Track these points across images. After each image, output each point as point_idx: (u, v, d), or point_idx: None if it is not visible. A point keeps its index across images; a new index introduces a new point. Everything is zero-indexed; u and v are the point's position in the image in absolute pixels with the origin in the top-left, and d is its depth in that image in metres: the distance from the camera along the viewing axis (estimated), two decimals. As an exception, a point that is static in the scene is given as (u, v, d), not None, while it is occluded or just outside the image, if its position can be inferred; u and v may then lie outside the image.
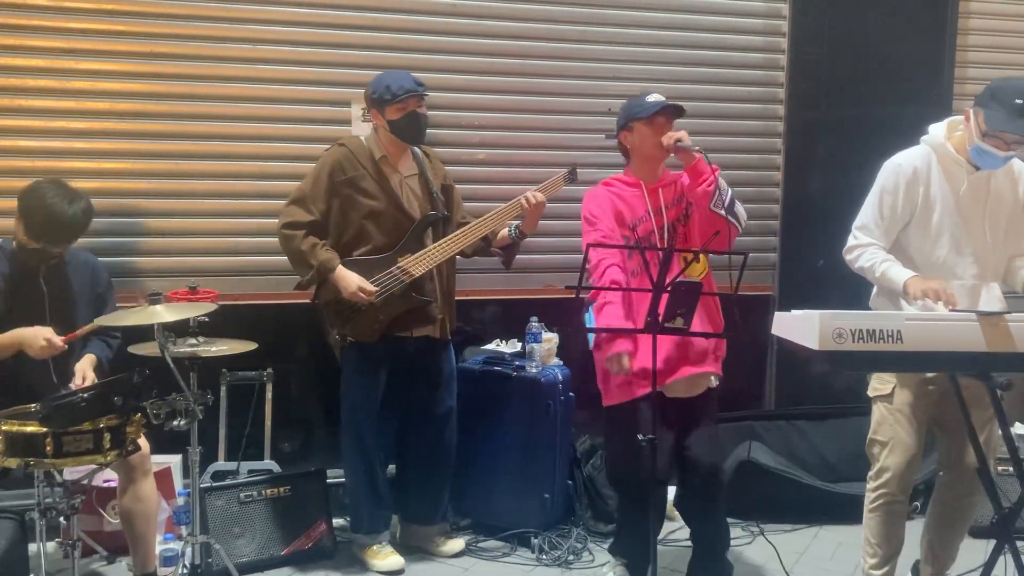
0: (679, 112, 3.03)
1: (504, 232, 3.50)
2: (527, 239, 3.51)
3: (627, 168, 3.15)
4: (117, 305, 3.23)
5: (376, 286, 3.24)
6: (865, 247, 2.87)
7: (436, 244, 3.32)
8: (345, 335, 3.33)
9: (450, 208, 3.51)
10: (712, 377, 3.02)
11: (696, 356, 2.96)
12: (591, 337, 2.98)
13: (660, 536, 3.32)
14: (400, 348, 3.39)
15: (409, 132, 3.31)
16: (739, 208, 2.99)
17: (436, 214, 3.39)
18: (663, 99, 3.01)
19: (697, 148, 2.91)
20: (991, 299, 2.82)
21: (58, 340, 2.88)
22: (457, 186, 3.61)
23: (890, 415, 2.87)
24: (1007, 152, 2.69)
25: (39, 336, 2.86)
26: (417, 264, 3.27)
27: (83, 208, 2.95)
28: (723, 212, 2.87)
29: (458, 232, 3.37)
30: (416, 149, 3.47)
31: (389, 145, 3.36)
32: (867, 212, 2.90)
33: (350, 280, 3.22)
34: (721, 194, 2.87)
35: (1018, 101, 2.60)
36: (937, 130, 2.88)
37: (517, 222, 3.47)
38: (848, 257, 2.93)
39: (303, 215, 3.27)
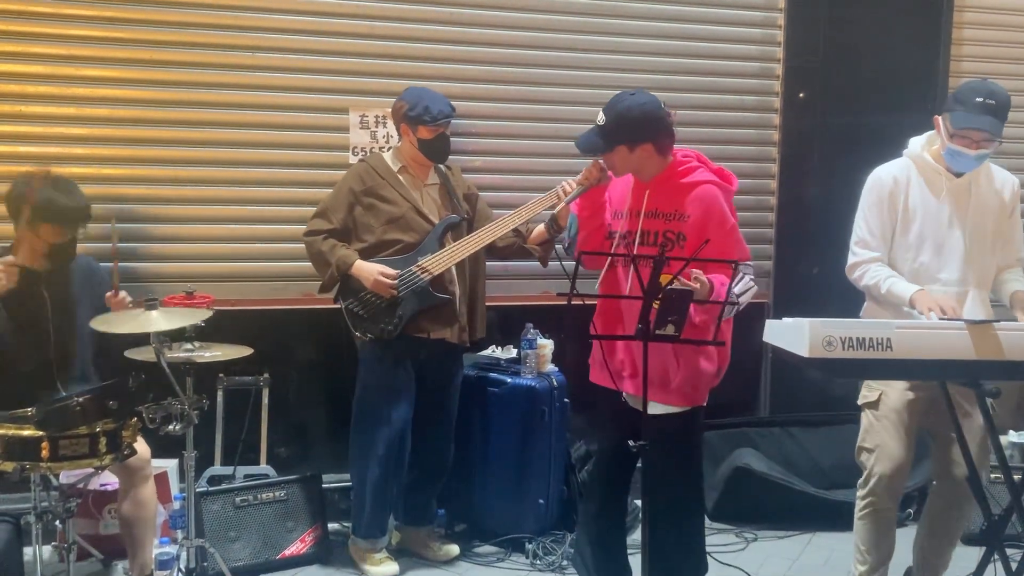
0: None
1: (539, 228, 3.50)
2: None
3: None
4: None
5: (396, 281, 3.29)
6: (868, 264, 2.90)
7: (456, 243, 3.37)
8: (366, 331, 3.37)
9: (474, 215, 3.56)
10: (661, 407, 2.70)
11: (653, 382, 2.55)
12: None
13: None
14: (416, 349, 3.41)
15: (438, 152, 3.42)
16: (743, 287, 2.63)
17: (455, 217, 3.43)
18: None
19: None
20: (975, 306, 2.84)
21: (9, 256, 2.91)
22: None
23: (877, 422, 2.89)
24: (977, 151, 2.75)
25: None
26: (436, 263, 3.31)
27: (84, 200, 2.98)
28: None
29: (479, 230, 3.40)
30: (439, 165, 3.53)
31: (411, 160, 3.43)
32: (860, 226, 2.95)
33: (370, 270, 3.28)
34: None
35: (978, 99, 2.69)
36: (915, 143, 2.96)
37: (552, 213, 3.40)
38: (852, 276, 2.96)
39: (324, 224, 3.37)
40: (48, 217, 2.92)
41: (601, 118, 2.70)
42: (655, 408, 2.62)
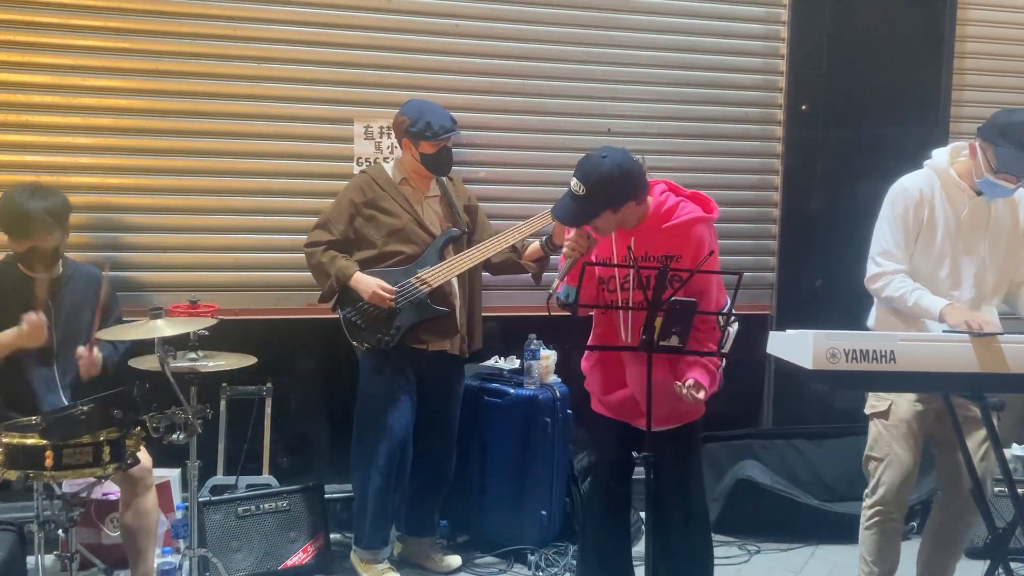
0: None
1: (535, 245, 3.52)
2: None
3: None
4: (123, 318, 3.24)
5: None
6: (891, 275, 2.87)
7: (456, 256, 3.37)
8: (363, 342, 3.37)
9: (474, 227, 3.56)
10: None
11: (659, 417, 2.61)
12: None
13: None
14: (415, 360, 3.41)
15: (440, 165, 3.42)
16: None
17: (456, 230, 3.44)
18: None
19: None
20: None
21: (33, 315, 2.89)
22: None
23: (886, 432, 2.89)
24: (1017, 184, 2.73)
25: (24, 321, 2.89)
26: (435, 275, 3.32)
27: (48, 205, 2.95)
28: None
29: (479, 244, 3.42)
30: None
31: (412, 171, 3.44)
32: (885, 237, 2.90)
33: (368, 283, 3.28)
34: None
35: None
36: (941, 155, 2.91)
37: (547, 235, 3.46)
38: (873, 286, 2.92)
39: (324, 235, 3.38)
40: (5, 222, 2.96)
41: (579, 187, 2.54)
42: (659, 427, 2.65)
